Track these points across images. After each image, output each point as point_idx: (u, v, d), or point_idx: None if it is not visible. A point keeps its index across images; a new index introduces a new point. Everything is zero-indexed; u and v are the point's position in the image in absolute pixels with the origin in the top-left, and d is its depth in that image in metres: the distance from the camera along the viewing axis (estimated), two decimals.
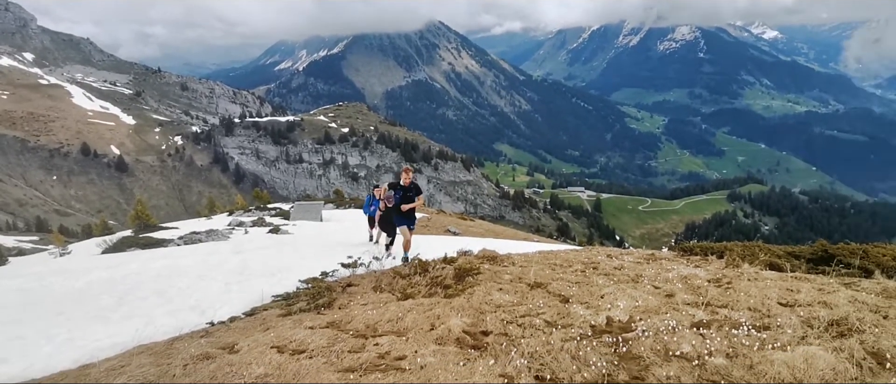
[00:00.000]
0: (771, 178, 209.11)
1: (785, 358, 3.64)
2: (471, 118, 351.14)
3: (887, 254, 8.26)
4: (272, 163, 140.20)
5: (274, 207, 33.95)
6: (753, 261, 8.65)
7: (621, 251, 11.66)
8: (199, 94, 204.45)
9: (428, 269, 7.69)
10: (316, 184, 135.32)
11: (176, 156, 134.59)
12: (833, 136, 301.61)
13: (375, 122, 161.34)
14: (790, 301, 5.66)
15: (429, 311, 5.34)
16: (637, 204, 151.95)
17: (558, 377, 3.65)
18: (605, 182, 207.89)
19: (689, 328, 4.54)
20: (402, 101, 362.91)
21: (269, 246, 14.80)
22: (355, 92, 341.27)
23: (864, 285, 6.64)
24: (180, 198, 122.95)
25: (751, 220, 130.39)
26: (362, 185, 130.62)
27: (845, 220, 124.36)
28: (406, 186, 10.23)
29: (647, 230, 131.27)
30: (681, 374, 3.54)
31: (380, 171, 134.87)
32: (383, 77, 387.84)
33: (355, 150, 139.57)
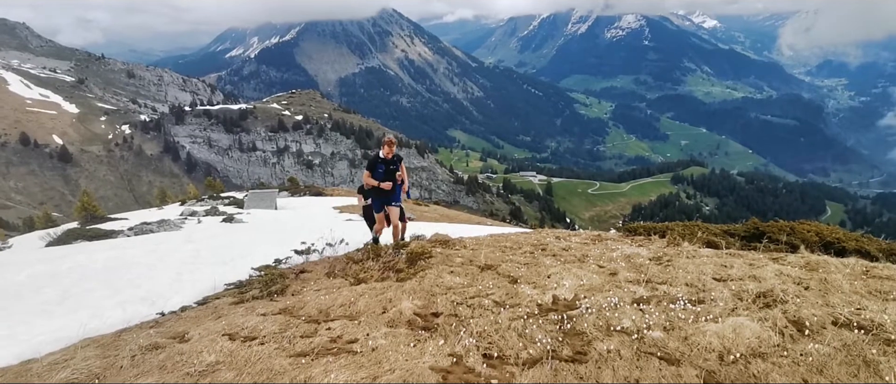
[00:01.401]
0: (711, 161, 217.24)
1: (716, 329, 3.87)
2: (424, 105, 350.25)
3: (811, 231, 8.78)
4: (225, 151, 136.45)
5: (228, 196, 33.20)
6: (693, 240, 9.06)
7: (569, 233, 11.97)
8: (147, 81, 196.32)
9: (380, 254, 7.75)
10: (270, 172, 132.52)
11: (124, 145, 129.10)
12: (767, 120, 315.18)
13: (329, 109, 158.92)
14: (724, 276, 5.99)
15: (381, 295, 5.41)
16: (586, 187, 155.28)
17: (505, 354, 3.79)
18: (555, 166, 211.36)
19: (630, 304, 4.75)
20: (355, 88, 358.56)
21: (222, 234, 14.51)
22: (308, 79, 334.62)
23: (789, 259, 7.07)
24: (130, 188, 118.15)
25: (693, 201, 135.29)
26: (317, 173, 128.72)
27: (778, 200, 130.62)
28: (389, 159, 8.71)
29: (596, 212, 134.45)
30: (620, 348, 3.73)
31: (335, 159, 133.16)
32: (336, 64, 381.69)
33: (310, 138, 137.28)
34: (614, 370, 3.40)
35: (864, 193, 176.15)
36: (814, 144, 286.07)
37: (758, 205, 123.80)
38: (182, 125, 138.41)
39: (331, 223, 15.93)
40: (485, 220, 31.87)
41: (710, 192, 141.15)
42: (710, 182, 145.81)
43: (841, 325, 3.92)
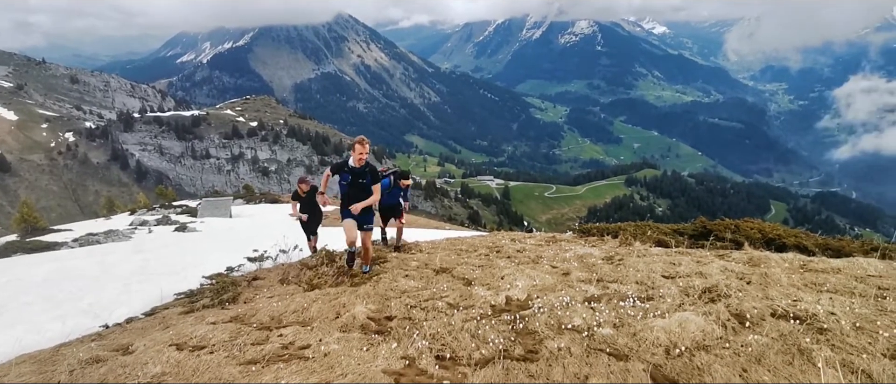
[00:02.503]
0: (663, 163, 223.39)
1: (663, 324, 3.98)
2: (381, 110, 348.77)
3: (754, 228, 9.13)
4: (177, 159, 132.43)
5: (180, 205, 32.39)
6: (644, 239, 9.30)
7: (525, 235, 12.11)
8: (93, 87, 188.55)
9: (335, 259, 7.68)
10: (224, 179, 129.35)
11: (68, 153, 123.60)
12: (715, 123, 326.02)
13: (285, 115, 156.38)
14: (672, 273, 6.17)
15: (334, 300, 5.36)
16: (543, 190, 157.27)
17: (458, 355, 3.81)
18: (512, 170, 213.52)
19: (582, 303, 4.84)
20: (311, 94, 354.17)
21: (174, 244, 14.12)
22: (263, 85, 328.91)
23: (734, 256, 7.34)
24: (74, 198, 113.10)
25: (646, 203, 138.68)
26: (273, 180, 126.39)
27: (726, 200, 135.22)
28: (358, 168, 6.80)
29: (552, 215, 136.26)
30: (571, 345, 3.79)
31: (291, 165, 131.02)
32: (292, 70, 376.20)
33: (265, 145, 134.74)
34: (565, 367, 3.46)
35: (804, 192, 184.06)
36: (758, 146, 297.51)
37: (708, 205, 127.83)
38: (131, 132, 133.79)
39: (286, 230, 15.70)
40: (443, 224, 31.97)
41: (663, 194, 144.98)
42: (662, 183, 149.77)
43: (779, 317, 4.08)
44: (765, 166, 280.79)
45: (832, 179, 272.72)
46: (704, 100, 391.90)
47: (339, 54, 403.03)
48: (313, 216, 10.24)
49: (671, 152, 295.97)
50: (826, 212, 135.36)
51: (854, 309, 4.24)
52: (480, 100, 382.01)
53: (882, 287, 5.13)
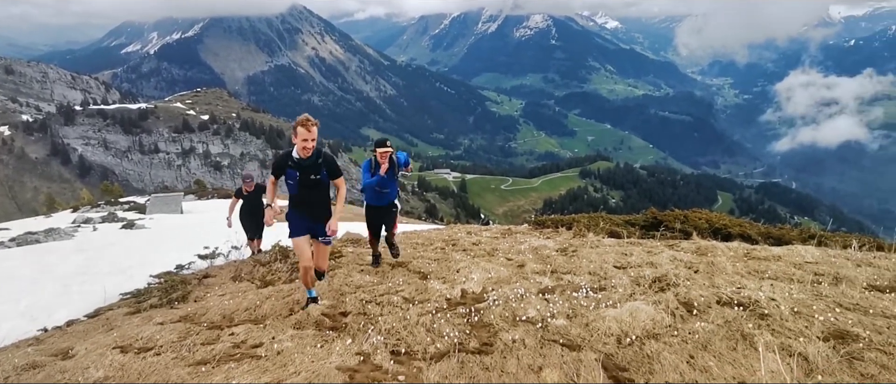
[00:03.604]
0: (616, 156, 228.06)
1: (615, 314, 4.07)
2: (337, 103, 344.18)
3: (702, 218, 9.43)
4: (123, 154, 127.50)
5: (128, 201, 31.29)
6: (597, 231, 9.49)
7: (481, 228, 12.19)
8: (29, 78, 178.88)
9: (289, 256, 7.55)
10: (175, 174, 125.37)
11: (3, 148, 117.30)
12: (665, 116, 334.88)
13: (238, 108, 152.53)
14: (624, 263, 6.32)
15: (288, 297, 5.28)
16: (499, 183, 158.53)
17: (413, 350, 3.80)
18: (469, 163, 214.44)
19: (536, 294, 4.90)
20: (265, 86, 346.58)
21: (120, 242, 13.60)
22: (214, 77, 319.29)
23: (683, 245, 7.57)
24: (11, 195, 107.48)
25: (600, 194, 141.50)
26: (226, 175, 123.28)
27: (676, 191, 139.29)
28: (306, 160, 4.90)
29: (509, 207, 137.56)
30: (525, 337, 3.83)
31: (244, 159, 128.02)
32: (244, 62, 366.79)
33: (217, 138, 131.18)
34: (519, 359, 3.49)
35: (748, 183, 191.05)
36: (706, 139, 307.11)
37: (659, 197, 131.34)
38: (72, 126, 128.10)
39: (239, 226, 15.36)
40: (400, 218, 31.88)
41: (616, 185, 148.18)
42: (615, 175, 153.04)
43: (724, 304, 4.22)
44: (712, 158, 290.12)
45: (774, 170, 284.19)
46: (655, 94, 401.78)
47: (293, 46, 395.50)
48: (257, 217, 9.46)
49: (624, 145, 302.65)
50: (769, 202, 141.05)
51: (793, 294, 4.43)
52: (437, 93, 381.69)
53: (818, 273, 5.37)
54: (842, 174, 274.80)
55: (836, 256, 6.43)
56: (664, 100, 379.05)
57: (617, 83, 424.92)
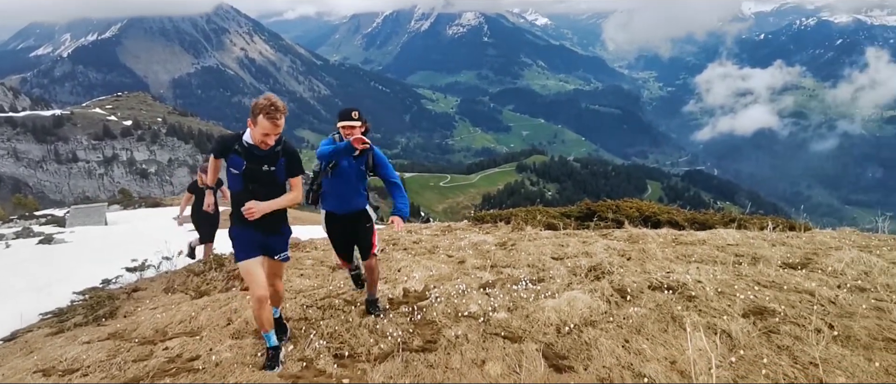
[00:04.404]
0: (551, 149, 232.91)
1: (553, 304, 4.19)
2: None
3: (633, 207, 9.81)
4: (37, 164, 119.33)
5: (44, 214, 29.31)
6: (534, 224, 9.70)
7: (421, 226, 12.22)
8: None
9: (224, 264, 7.33)
10: (97, 184, 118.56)
11: None
12: (596, 109, 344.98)
13: (163, 112, 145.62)
14: (561, 254, 6.50)
15: (225, 306, 5.13)
16: (438, 180, 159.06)
17: (357, 352, 3.79)
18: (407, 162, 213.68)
19: (477, 289, 4.98)
20: (192, 89, 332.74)
21: (36, 258, 12.74)
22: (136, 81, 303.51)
23: (616, 234, 7.86)
24: None
25: (537, 188, 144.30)
26: (154, 182, 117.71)
27: (609, 182, 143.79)
28: (264, 151, 3.82)
29: (449, 204, 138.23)
30: (468, 332, 3.90)
31: (173, 166, 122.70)
32: (168, 64, 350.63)
33: (142, 145, 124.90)
34: (462, 354, 3.55)
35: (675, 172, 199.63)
36: (634, 130, 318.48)
37: (592, 188, 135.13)
38: None
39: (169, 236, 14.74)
40: None
41: (552, 178, 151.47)
42: (550, 169, 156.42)
43: (655, 288, 4.43)
44: (641, 149, 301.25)
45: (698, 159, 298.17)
46: (585, 88, 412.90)
47: (220, 47, 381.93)
48: (213, 216, 7.81)
49: (557, 138, 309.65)
50: (694, 189, 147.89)
51: (717, 276, 4.71)
52: (371, 92, 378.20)
53: (738, 254, 5.72)
54: (757, 160, 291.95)
55: (754, 238, 6.85)
56: (594, 94, 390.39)
57: (549, 78, 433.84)
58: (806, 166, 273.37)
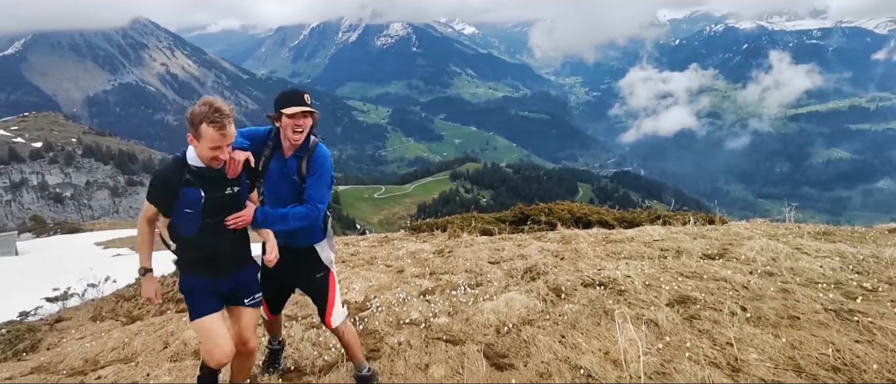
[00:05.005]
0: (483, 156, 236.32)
1: (492, 306, 4.33)
2: None
3: (565, 210, 10.16)
4: None
5: None
6: (470, 230, 9.86)
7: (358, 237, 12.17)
8: None
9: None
10: (4, 211, 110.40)
11: None
12: (525, 116, 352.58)
13: (78, 132, 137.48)
14: (497, 258, 6.67)
15: (161, 329, 4.97)
16: (372, 192, 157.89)
17: (301, 366, 3.79)
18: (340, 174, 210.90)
19: (417, 297, 5.06)
20: (109, 107, 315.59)
21: None
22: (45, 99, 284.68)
23: (549, 236, 8.12)
24: None
25: (471, 195, 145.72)
26: (70, 207, 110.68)
27: (541, 186, 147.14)
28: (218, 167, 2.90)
29: (384, 215, 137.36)
30: (410, 338, 3.97)
31: (91, 189, 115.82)
32: (82, 81, 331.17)
33: (55, 167, 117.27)
34: (406, 360, 3.61)
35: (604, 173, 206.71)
36: (563, 135, 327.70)
37: (525, 192, 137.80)
38: None
39: (94, 262, 13.98)
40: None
41: (485, 185, 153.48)
42: (483, 176, 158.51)
43: (587, 285, 4.65)
44: (571, 152, 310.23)
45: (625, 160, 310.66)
46: (514, 95, 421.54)
47: (139, 63, 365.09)
48: None
49: (489, 145, 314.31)
50: (623, 189, 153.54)
51: (644, 270, 4.98)
52: None
53: (663, 248, 6.06)
54: (680, 159, 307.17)
55: (677, 233, 7.27)
56: (523, 100, 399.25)
57: (478, 87, 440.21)
58: (723, 163, 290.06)
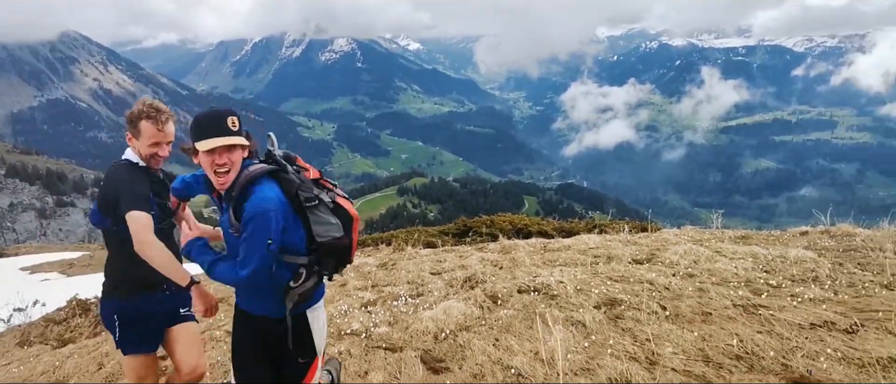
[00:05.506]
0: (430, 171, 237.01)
1: (431, 314, 4.47)
2: None
3: (506, 221, 10.44)
4: None
5: None
6: (414, 243, 10.00)
7: None
8: None
9: (90, 308, 6.86)
10: None
11: None
12: (470, 130, 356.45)
13: (2, 151, 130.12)
14: (439, 269, 6.82)
15: (94, 351, 4.87)
16: None
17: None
18: None
19: (359, 308, 5.16)
20: (36, 124, 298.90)
21: None
22: None
23: (490, 247, 8.34)
24: None
25: (419, 209, 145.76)
26: None
27: (488, 199, 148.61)
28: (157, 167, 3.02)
29: None
30: (351, 347, 4.06)
31: (16, 211, 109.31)
32: (5, 97, 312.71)
33: None
34: (346, 368, 3.70)
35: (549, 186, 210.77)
36: (508, 148, 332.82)
37: (473, 206, 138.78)
38: None
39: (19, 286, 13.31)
40: None
41: (433, 199, 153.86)
42: (431, 190, 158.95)
43: (523, 292, 4.85)
44: (516, 166, 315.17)
45: (568, 172, 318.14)
46: (460, 110, 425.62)
47: (68, 78, 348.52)
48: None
49: (436, 160, 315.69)
50: (567, 201, 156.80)
51: (577, 275, 5.23)
52: (244, 121, 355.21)
53: (596, 255, 6.36)
54: (620, 171, 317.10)
55: (611, 240, 7.61)
56: (468, 115, 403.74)
57: (424, 102, 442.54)
58: (661, 174, 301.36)
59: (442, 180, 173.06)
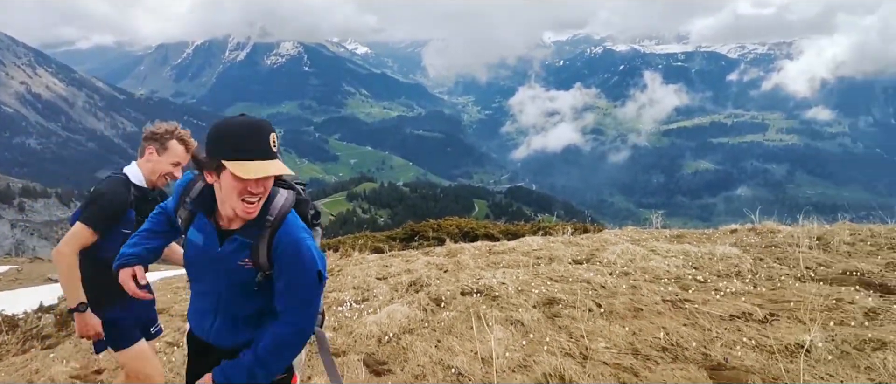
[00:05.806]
0: (379, 176, 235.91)
1: (375, 318, 4.52)
2: (62, 146, 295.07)
3: (453, 225, 10.56)
4: None
5: None
6: (362, 249, 10.00)
7: None
8: None
9: (18, 324, 6.56)
10: None
11: None
12: (420, 134, 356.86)
13: None
14: (385, 274, 6.86)
15: (23, 368, 4.69)
16: None
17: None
18: None
19: None
20: None
21: None
22: None
23: (437, 251, 8.44)
24: None
25: (369, 215, 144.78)
26: None
27: (438, 203, 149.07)
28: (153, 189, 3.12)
29: None
30: None
31: None
32: None
33: None
34: None
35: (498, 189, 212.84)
36: (458, 152, 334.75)
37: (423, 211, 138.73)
38: None
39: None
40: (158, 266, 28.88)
41: (383, 204, 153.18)
42: (380, 195, 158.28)
43: (466, 294, 4.96)
44: (465, 170, 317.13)
45: (517, 175, 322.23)
46: (409, 114, 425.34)
47: None
48: None
49: (385, 165, 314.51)
50: (516, 204, 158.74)
51: (519, 277, 5.38)
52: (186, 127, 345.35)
53: (539, 256, 6.54)
54: (567, 173, 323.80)
55: (554, 242, 7.83)
56: (417, 119, 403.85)
57: (372, 106, 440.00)
58: (607, 176, 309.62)
59: (392, 185, 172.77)
